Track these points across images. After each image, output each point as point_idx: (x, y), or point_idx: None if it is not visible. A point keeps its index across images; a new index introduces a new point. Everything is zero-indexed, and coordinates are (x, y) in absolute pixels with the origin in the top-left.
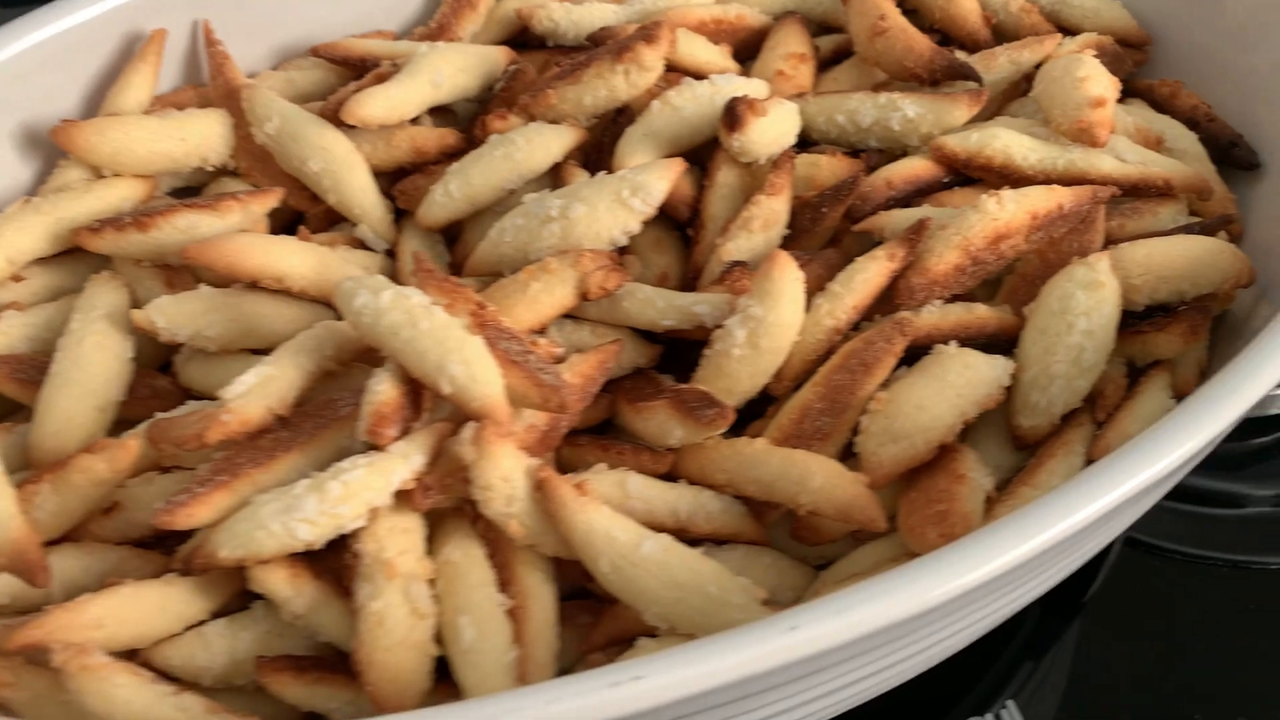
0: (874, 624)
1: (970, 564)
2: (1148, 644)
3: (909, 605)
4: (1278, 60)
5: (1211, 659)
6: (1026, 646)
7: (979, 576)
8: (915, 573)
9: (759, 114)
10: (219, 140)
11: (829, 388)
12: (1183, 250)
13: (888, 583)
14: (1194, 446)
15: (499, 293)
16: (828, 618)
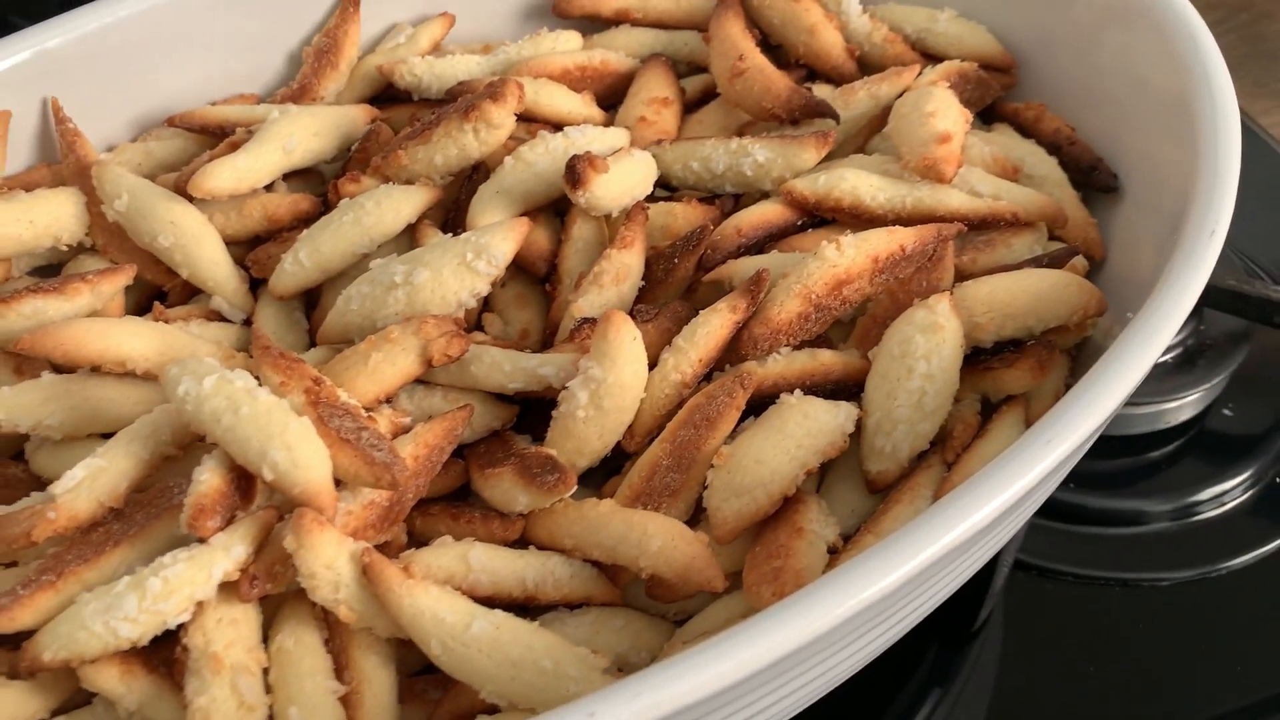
0: (670, 706)
1: (792, 623)
2: (1043, 665)
3: (704, 685)
4: (1135, 82)
5: (1107, 679)
6: (932, 674)
7: (795, 640)
8: (713, 651)
9: (600, 170)
10: (71, 219)
11: (675, 444)
12: (1028, 286)
13: (679, 664)
14: (1033, 479)
15: (341, 364)
16: (621, 703)
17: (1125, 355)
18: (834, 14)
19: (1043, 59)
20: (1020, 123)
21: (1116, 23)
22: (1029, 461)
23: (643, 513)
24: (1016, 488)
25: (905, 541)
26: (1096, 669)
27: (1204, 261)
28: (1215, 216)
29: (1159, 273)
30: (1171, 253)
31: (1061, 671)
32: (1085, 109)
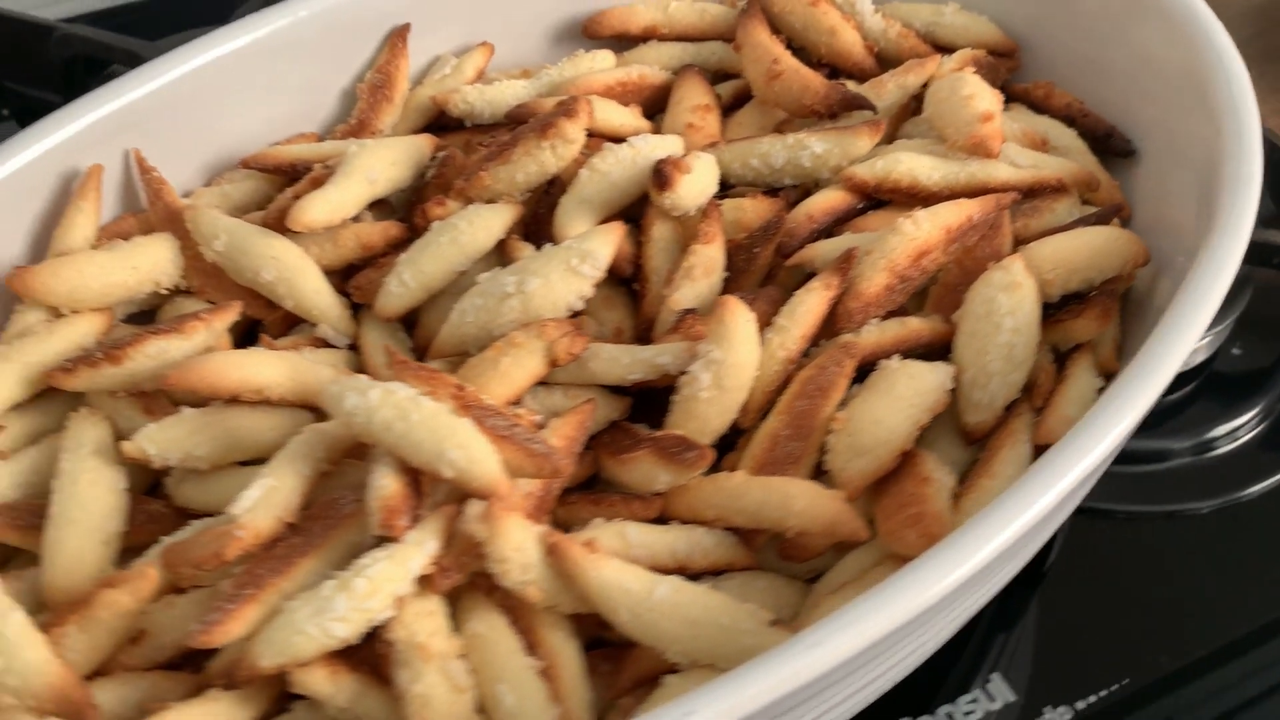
0: (885, 628)
1: (958, 558)
2: (1104, 599)
3: (912, 605)
4: (1133, 52)
5: (1162, 604)
6: (996, 620)
7: (969, 569)
8: (911, 576)
9: (684, 171)
10: (169, 264)
11: (792, 415)
12: (1085, 242)
13: (889, 589)
14: (1132, 420)
15: (472, 372)
16: (842, 630)
17: (1195, 298)
18: (850, 15)
19: (1042, 40)
20: (1032, 101)
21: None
22: (1142, 391)
23: (778, 478)
24: (1134, 414)
25: (1048, 470)
26: (1152, 595)
27: (1246, 214)
28: (1248, 171)
29: (1193, 228)
30: (1212, 210)
31: (1121, 602)
32: (1089, 82)
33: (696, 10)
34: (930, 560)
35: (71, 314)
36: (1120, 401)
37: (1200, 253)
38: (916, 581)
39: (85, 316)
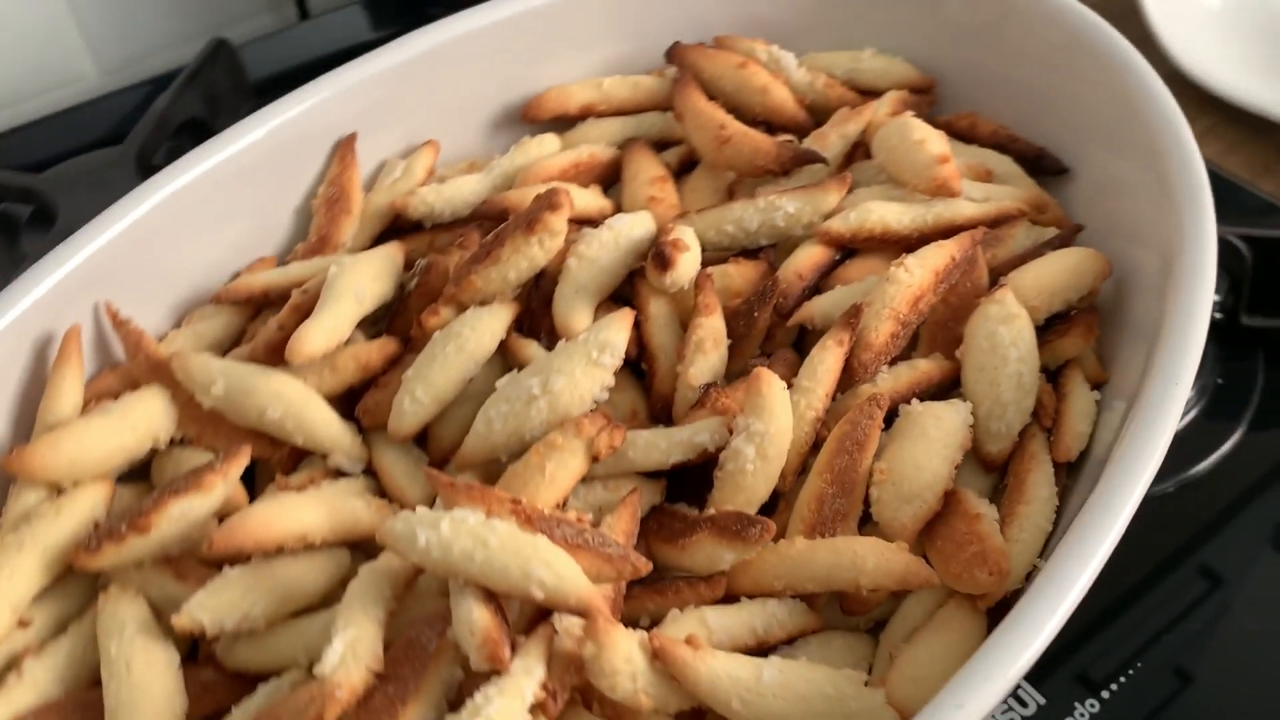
0: (1018, 674)
1: (1069, 579)
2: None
3: (1034, 649)
4: (1048, 77)
5: None
6: None
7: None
8: (1023, 618)
9: (684, 250)
10: (164, 417)
11: (835, 472)
12: (1061, 266)
13: (1006, 638)
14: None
15: (516, 481)
16: (983, 685)
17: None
18: (777, 72)
19: (955, 73)
20: (957, 131)
21: (1013, 27)
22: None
23: (841, 539)
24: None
25: (1123, 477)
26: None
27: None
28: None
29: (1142, 233)
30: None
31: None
32: (1009, 107)
33: (629, 84)
34: (1040, 596)
35: (72, 487)
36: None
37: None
38: (1030, 623)
39: (88, 488)
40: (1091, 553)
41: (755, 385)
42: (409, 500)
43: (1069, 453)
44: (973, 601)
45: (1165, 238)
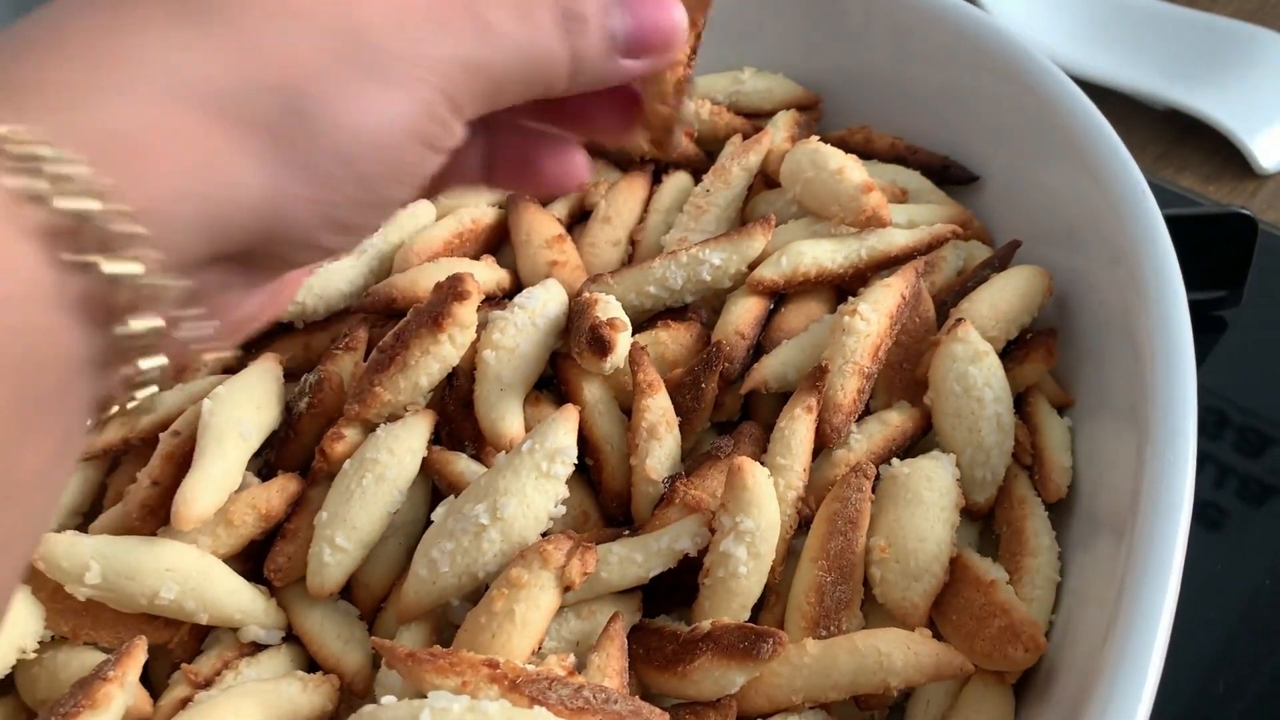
0: None
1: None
2: None
3: None
4: (943, 79)
5: None
6: None
7: None
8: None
9: (620, 329)
10: (28, 619)
11: (830, 558)
12: (1012, 289)
13: None
14: None
15: (483, 634)
16: None
17: None
18: None
19: (839, 84)
20: (852, 148)
21: (887, 29)
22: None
23: (859, 636)
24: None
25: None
26: None
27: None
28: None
29: (1063, 238)
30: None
31: None
32: (899, 115)
33: None
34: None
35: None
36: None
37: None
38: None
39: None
40: (1153, 629)
41: (738, 479)
42: (347, 669)
43: (1058, 491)
44: (1000, 677)
45: (1108, 242)
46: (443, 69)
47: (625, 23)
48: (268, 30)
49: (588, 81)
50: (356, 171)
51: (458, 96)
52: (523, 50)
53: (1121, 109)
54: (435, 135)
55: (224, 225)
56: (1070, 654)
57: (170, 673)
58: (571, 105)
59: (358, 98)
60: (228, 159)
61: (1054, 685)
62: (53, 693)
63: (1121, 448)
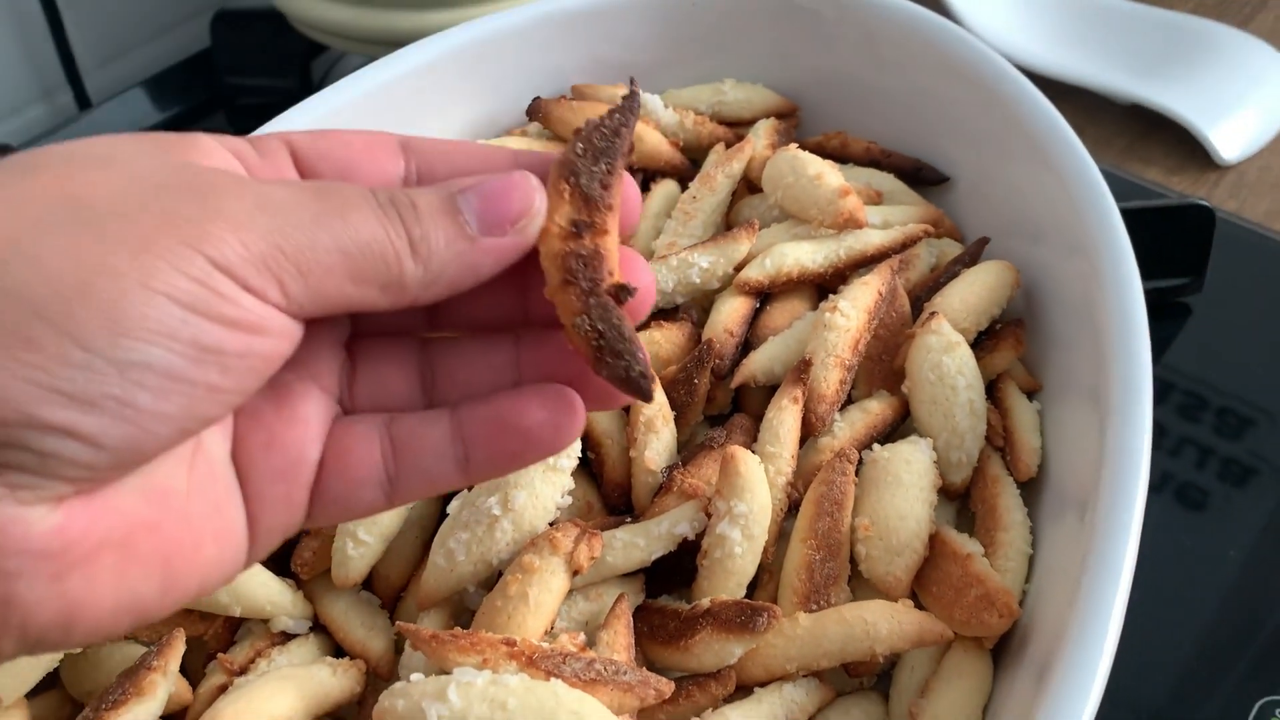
0: None
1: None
2: None
3: None
4: (914, 85)
5: None
6: None
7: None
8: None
9: None
10: None
11: (819, 537)
12: (981, 282)
13: (1065, 698)
14: None
15: (499, 616)
16: None
17: None
18: (647, 117)
19: (815, 92)
20: (829, 153)
21: (857, 38)
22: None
23: (847, 608)
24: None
25: (1118, 504)
26: None
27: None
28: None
29: (1029, 230)
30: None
31: None
32: (873, 120)
33: None
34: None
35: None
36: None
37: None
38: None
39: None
40: (1113, 590)
41: (731, 465)
42: (372, 654)
43: (1028, 470)
44: (978, 643)
45: (1069, 234)
46: (202, 231)
47: (475, 205)
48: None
49: (453, 268)
50: (62, 327)
51: (231, 259)
52: (324, 223)
53: (1088, 106)
54: (191, 294)
55: None
56: (1041, 619)
57: (206, 663)
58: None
59: (57, 251)
60: None
61: (1027, 648)
62: (97, 685)
63: (1086, 428)
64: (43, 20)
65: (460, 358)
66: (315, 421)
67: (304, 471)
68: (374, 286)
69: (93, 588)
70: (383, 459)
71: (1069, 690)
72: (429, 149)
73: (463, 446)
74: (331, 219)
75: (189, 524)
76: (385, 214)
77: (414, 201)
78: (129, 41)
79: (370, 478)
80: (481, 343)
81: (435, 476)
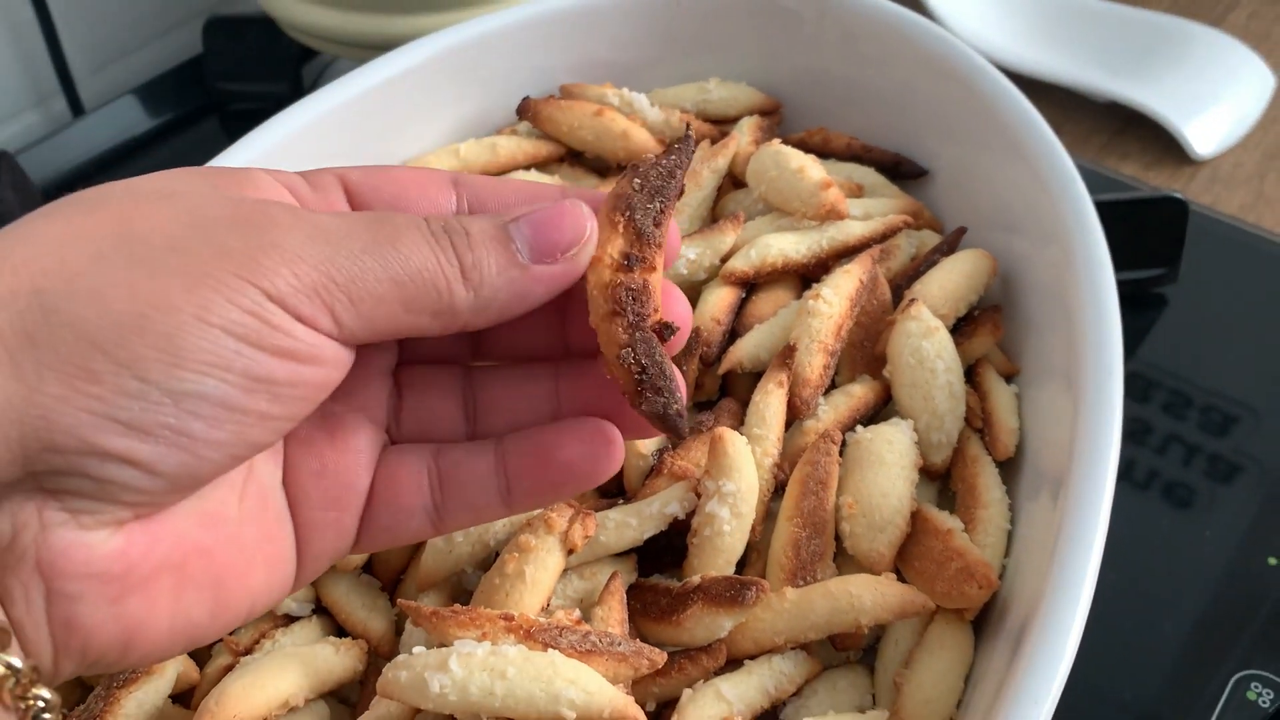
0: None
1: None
2: None
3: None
4: (893, 82)
5: None
6: None
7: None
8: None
9: None
10: None
11: (804, 515)
12: (959, 270)
13: (1039, 661)
14: None
15: (497, 594)
16: None
17: None
18: (633, 115)
19: (796, 90)
20: (811, 149)
21: (836, 36)
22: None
23: (833, 582)
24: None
25: (1089, 481)
26: None
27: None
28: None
29: (1005, 217)
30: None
31: None
32: (853, 116)
33: (487, 147)
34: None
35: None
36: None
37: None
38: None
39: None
40: (1085, 560)
41: (719, 446)
42: (373, 634)
43: (1007, 449)
44: (959, 614)
45: (1044, 224)
46: (254, 263)
47: (526, 233)
48: (36, 247)
49: (504, 294)
50: (119, 359)
51: (283, 290)
52: (375, 252)
53: (1065, 103)
54: (244, 325)
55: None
56: (1019, 592)
57: (211, 647)
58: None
59: (115, 285)
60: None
61: (1005, 620)
62: None
63: (1060, 409)
64: (36, 27)
65: (502, 388)
66: (365, 451)
67: (355, 499)
68: (426, 314)
69: (151, 610)
70: (430, 489)
71: (1043, 655)
72: (479, 184)
73: (505, 479)
74: (383, 247)
75: (241, 549)
76: (437, 241)
77: (466, 229)
78: (122, 48)
79: (418, 507)
80: (522, 372)
81: (480, 507)
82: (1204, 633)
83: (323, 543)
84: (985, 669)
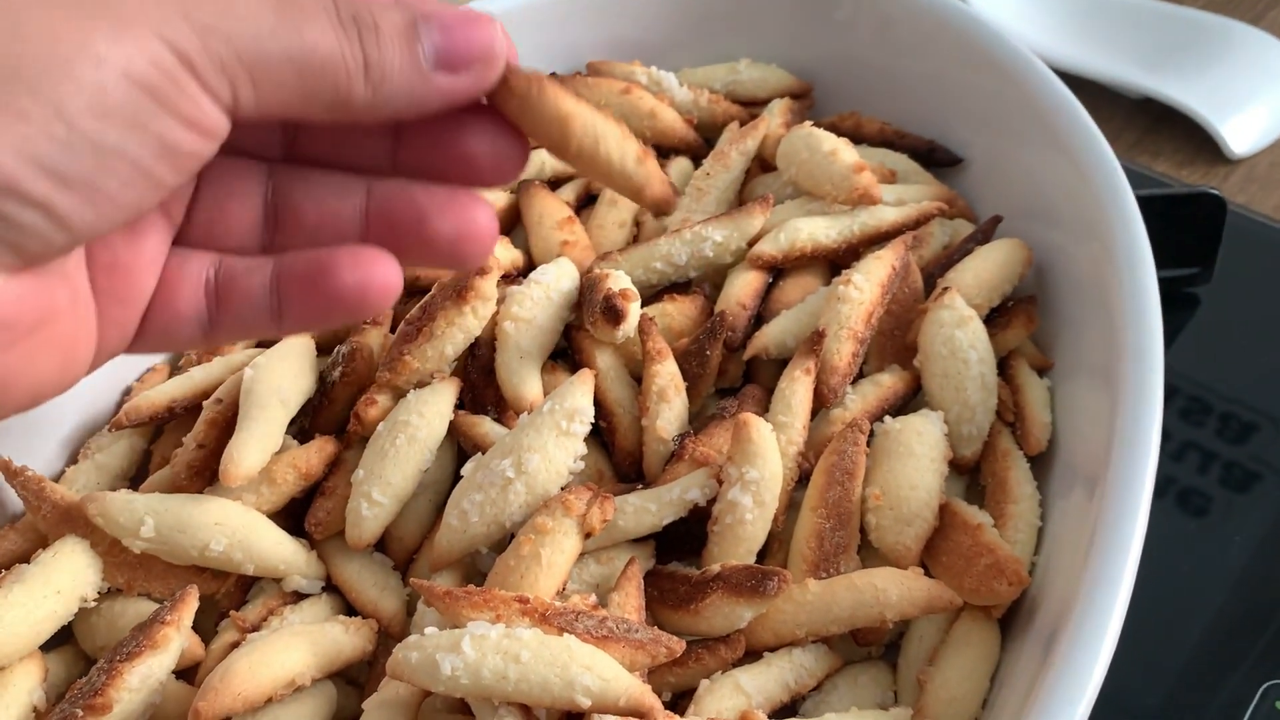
0: None
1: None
2: None
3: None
4: (928, 68)
5: None
6: None
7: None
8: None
9: (631, 299)
10: (88, 572)
11: (829, 506)
12: (994, 260)
13: (1074, 663)
14: None
15: (512, 575)
16: None
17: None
18: (661, 94)
19: (829, 73)
20: (843, 133)
21: (876, 21)
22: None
23: (857, 575)
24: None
25: (1128, 483)
26: None
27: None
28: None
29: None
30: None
31: None
32: (886, 102)
33: None
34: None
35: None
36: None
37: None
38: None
39: (17, 670)
40: (1123, 561)
41: (744, 432)
42: (384, 614)
43: (1039, 444)
44: (986, 612)
45: (1083, 217)
46: (171, 26)
47: (435, 37)
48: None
49: (402, 98)
50: (53, 106)
51: (195, 59)
52: (281, 35)
53: (1098, 98)
54: (162, 89)
55: None
56: (1050, 591)
57: (218, 623)
58: (448, 148)
59: (55, 35)
60: None
61: (1035, 619)
62: (110, 640)
63: (1096, 405)
64: None
65: (307, 197)
66: (156, 250)
67: (139, 299)
68: (320, 105)
69: (32, 362)
70: (206, 298)
71: (1077, 659)
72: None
73: (278, 298)
74: (290, 32)
75: (77, 319)
76: (345, 32)
77: (376, 23)
78: None
79: (192, 315)
80: (336, 184)
81: (250, 323)
82: (1222, 642)
83: (105, 340)
84: (1012, 669)
